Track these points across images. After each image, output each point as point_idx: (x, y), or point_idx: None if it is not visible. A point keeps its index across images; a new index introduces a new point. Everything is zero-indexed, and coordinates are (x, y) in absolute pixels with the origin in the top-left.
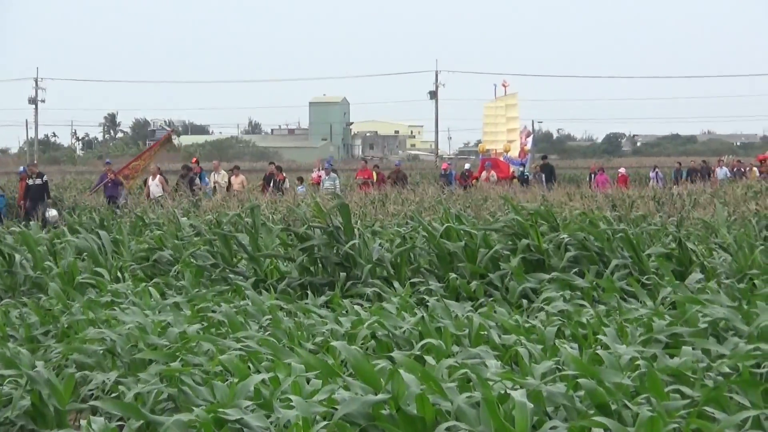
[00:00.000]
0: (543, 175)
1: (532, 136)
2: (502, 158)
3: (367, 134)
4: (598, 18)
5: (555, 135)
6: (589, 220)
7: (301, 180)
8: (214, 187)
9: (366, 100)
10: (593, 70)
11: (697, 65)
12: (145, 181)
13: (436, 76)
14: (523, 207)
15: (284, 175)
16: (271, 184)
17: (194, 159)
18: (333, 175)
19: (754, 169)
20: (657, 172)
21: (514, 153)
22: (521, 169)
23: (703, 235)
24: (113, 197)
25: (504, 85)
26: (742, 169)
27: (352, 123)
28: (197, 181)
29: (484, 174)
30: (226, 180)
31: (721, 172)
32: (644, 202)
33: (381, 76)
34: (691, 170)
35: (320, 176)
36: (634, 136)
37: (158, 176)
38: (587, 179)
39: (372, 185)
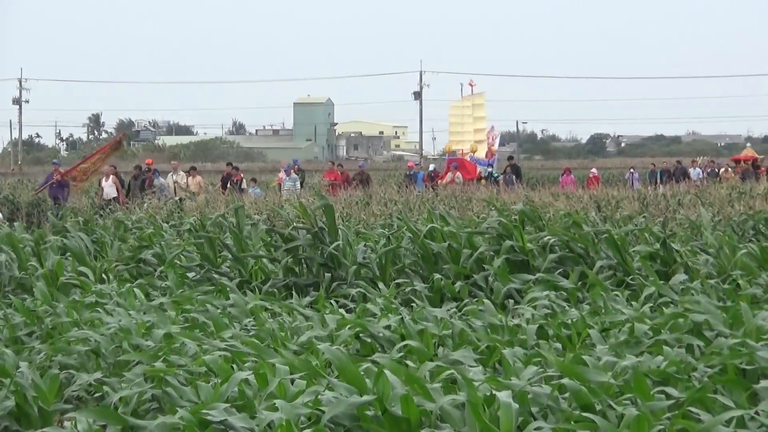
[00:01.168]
0: (513, 176)
1: (499, 136)
2: (468, 159)
3: (352, 135)
4: (582, 19)
5: (539, 136)
6: (573, 221)
7: (255, 181)
8: (174, 188)
9: (350, 100)
10: (578, 71)
11: (682, 66)
12: (100, 182)
13: (421, 76)
14: (507, 208)
15: (242, 175)
16: (228, 185)
17: (149, 160)
18: (294, 176)
19: (729, 169)
20: (633, 173)
21: (481, 153)
22: (489, 169)
23: (687, 236)
24: (57, 198)
25: (471, 85)
26: (716, 170)
27: (336, 124)
28: (156, 182)
29: (449, 175)
30: (185, 181)
31: (695, 172)
32: (629, 202)
33: (365, 77)
34: (663, 171)
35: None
36: (618, 136)
37: (111, 177)
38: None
39: (339, 187)
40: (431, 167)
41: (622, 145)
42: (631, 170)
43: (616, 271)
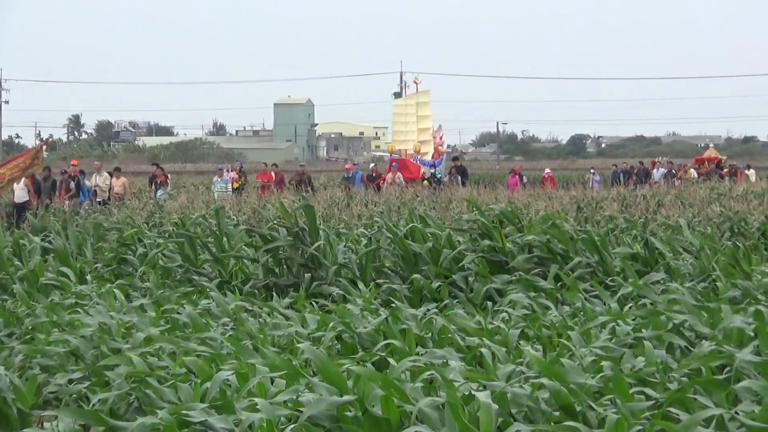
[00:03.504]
0: (459, 177)
1: (445, 136)
2: (411, 159)
3: (332, 135)
4: (564, 20)
5: (519, 136)
6: (553, 221)
7: (160, 183)
8: (95, 190)
9: (331, 101)
10: (558, 72)
11: (661, 67)
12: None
13: (401, 77)
14: (489, 208)
15: (167, 176)
16: (154, 186)
17: (73, 161)
18: (226, 178)
19: (690, 170)
20: (594, 174)
21: (428, 154)
22: (432, 170)
23: (667, 237)
24: None
25: (415, 82)
26: (674, 171)
27: (316, 124)
28: (72, 184)
29: (389, 176)
30: (108, 182)
31: (658, 173)
32: (610, 203)
33: (346, 78)
34: (624, 172)
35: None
36: (598, 137)
37: (23, 180)
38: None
39: (271, 188)
40: (371, 165)
41: (603, 146)
42: (592, 171)
43: (595, 271)
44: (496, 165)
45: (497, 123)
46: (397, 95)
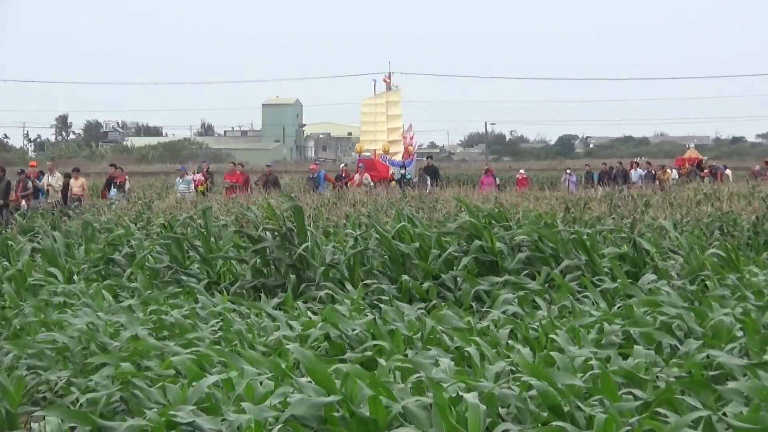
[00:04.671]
0: (428, 177)
1: (416, 136)
2: (380, 159)
3: (320, 136)
4: (552, 21)
5: (508, 137)
6: (543, 221)
7: (113, 183)
8: (47, 190)
9: (319, 101)
10: (547, 73)
11: (650, 68)
12: None
13: (389, 77)
14: (478, 208)
15: (125, 177)
16: (112, 187)
17: (32, 162)
18: (188, 179)
19: (668, 171)
20: (569, 175)
21: (397, 154)
22: (401, 171)
23: (655, 237)
24: None
25: (386, 81)
26: (653, 171)
27: (305, 125)
28: (29, 184)
29: (357, 177)
30: (60, 183)
31: (636, 174)
32: (598, 203)
33: (334, 78)
34: (602, 173)
35: (195, 179)
36: (587, 137)
37: None
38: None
39: (239, 189)
40: (342, 165)
41: (591, 146)
42: (568, 172)
43: (584, 271)
44: (484, 165)
45: (485, 123)
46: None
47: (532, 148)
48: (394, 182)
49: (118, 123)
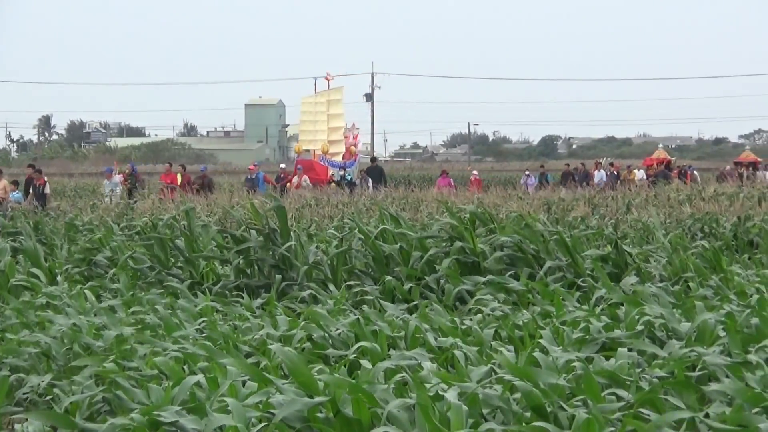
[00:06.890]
0: (370, 179)
1: (359, 136)
2: (318, 160)
3: None
4: (535, 21)
5: (491, 137)
6: (525, 222)
7: (16, 185)
8: None
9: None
10: (530, 73)
11: (633, 69)
12: None
13: (372, 78)
14: (460, 209)
15: (45, 179)
16: (31, 190)
17: None
18: (115, 180)
19: (634, 171)
20: (528, 176)
21: (338, 154)
22: (341, 172)
23: (638, 238)
24: None
25: (327, 79)
26: (615, 172)
27: (288, 125)
28: None
29: (295, 179)
30: None
31: (599, 175)
32: (579, 204)
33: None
34: (565, 174)
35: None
36: (569, 138)
37: None
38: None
39: (175, 190)
40: (282, 165)
41: (573, 146)
42: (526, 173)
43: (566, 272)
44: (467, 166)
45: (468, 124)
46: (369, 96)
47: (514, 148)
48: (333, 184)
49: (101, 123)
